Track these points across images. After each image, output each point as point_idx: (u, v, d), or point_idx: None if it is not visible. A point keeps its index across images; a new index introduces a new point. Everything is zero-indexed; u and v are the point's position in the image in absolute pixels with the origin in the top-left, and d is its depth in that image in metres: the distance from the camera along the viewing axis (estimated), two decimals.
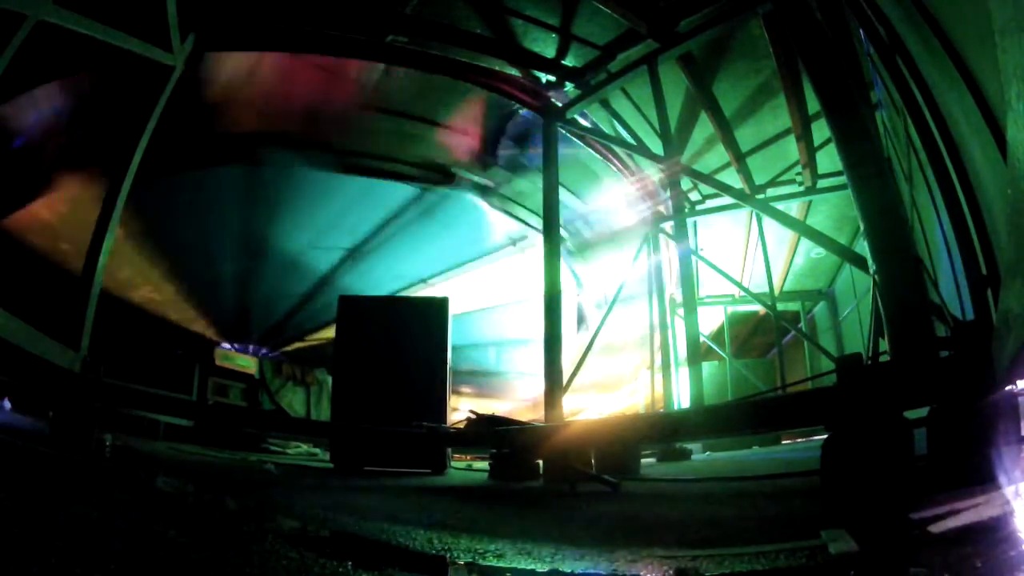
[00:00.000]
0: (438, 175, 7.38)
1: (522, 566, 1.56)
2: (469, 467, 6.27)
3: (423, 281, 9.07)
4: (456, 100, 6.29)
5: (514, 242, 8.47)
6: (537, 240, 7.86)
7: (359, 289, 8.24)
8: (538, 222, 7.56)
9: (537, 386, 5.80)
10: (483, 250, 8.63)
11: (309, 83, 5.88)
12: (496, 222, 8.06)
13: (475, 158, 7.05)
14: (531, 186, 7.35)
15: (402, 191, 7.45)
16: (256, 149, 6.66)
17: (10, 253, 6.20)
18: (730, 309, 10.70)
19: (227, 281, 8.52)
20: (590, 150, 6.91)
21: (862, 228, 2.64)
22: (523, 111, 6.31)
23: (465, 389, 10.96)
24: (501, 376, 11.04)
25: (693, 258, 7.40)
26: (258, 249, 8.06)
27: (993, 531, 1.35)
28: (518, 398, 10.99)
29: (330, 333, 8.84)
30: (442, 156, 7.07)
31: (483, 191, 7.60)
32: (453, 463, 5.82)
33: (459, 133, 6.63)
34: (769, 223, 7.68)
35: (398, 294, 8.99)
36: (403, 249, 8.26)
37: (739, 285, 7.41)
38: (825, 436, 1.92)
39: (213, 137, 6.45)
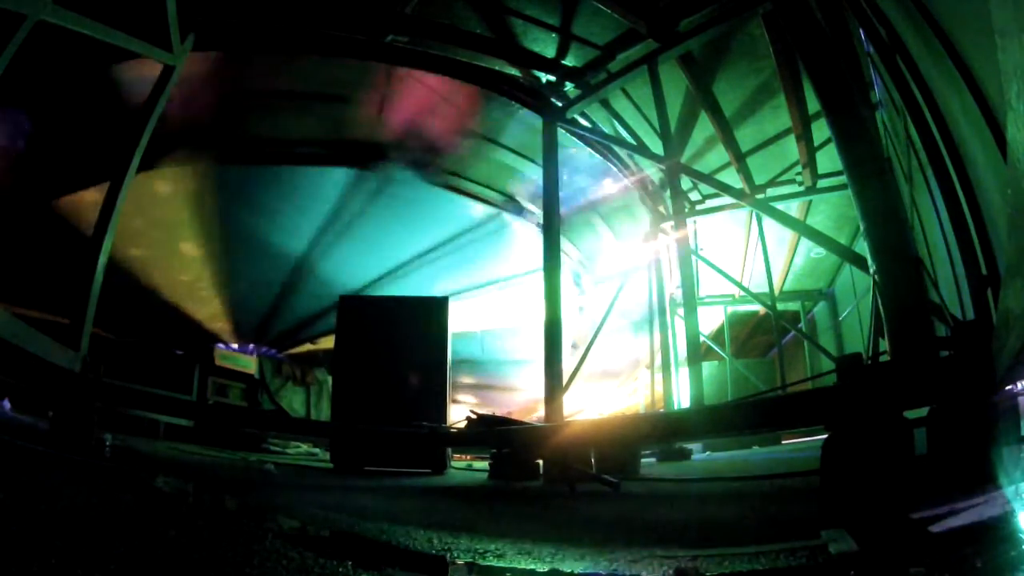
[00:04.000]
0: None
1: (522, 566, 1.56)
2: (469, 467, 6.27)
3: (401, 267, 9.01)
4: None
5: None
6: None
7: (338, 277, 8.27)
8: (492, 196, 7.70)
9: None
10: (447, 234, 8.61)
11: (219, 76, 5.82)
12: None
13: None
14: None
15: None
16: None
17: (10, 253, 6.20)
18: (730, 309, 10.69)
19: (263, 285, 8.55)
20: (590, 150, 6.91)
21: (862, 228, 2.64)
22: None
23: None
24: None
25: (693, 258, 7.39)
26: (233, 246, 8.02)
27: (993, 531, 1.35)
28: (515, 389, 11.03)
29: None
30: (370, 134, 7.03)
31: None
32: (453, 463, 5.82)
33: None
34: (769, 223, 7.68)
35: (380, 280, 8.95)
36: (366, 234, 8.21)
37: (739, 285, 7.41)
38: (825, 436, 1.92)
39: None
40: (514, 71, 5.88)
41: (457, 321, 6.29)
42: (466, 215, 7.93)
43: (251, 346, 9.70)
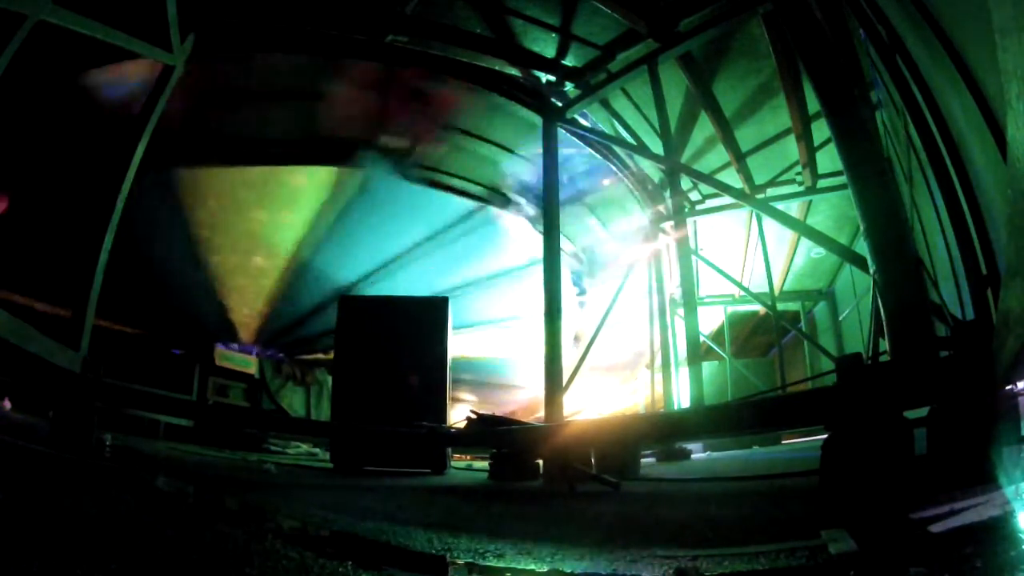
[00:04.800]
0: (496, 196, 7.57)
1: (522, 566, 1.56)
2: (469, 467, 6.27)
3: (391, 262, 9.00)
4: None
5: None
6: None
7: (336, 275, 8.31)
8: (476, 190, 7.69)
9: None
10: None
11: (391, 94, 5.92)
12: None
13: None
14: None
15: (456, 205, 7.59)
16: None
17: (9, 254, 6.20)
18: (730, 309, 10.68)
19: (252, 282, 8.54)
20: (590, 149, 6.91)
21: (862, 228, 2.64)
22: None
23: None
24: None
25: (693, 258, 7.39)
26: (284, 254, 8.06)
27: (993, 531, 1.35)
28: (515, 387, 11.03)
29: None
30: (502, 180, 7.24)
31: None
32: (453, 463, 5.82)
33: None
34: (769, 223, 7.67)
35: (374, 275, 8.95)
36: (355, 232, 8.20)
37: (739, 285, 7.41)
38: (825, 436, 1.92)
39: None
40: (514, 71, 5.88)
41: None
42: (452, 209, 7.87)
43: (252, 347, 9.70)
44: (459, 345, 7.56)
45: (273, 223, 7.71)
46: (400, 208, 7.63)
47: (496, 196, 7.78)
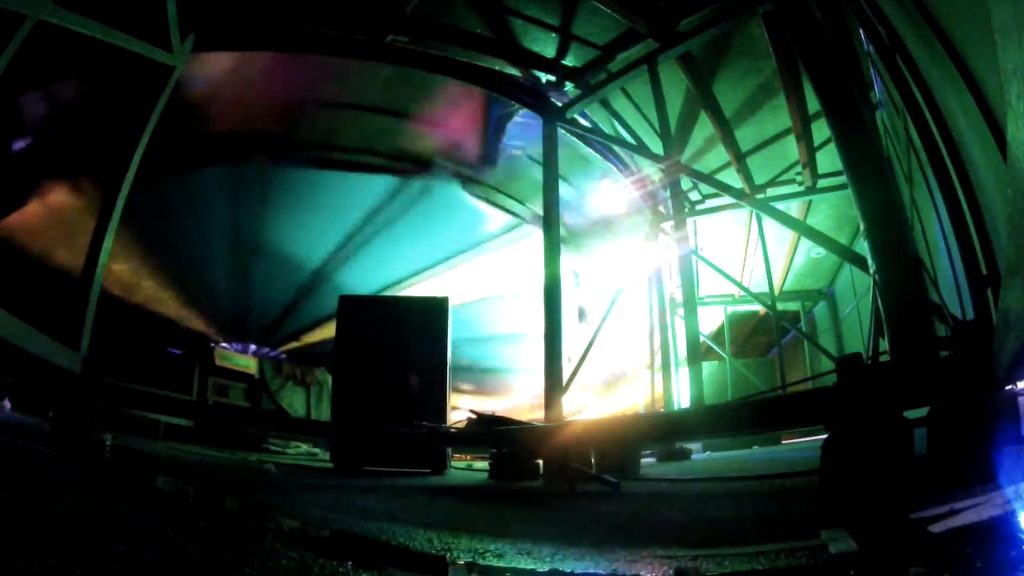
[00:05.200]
0: (415, 165, 7.41)
1: (522, 566, 1.56)
2: (469, 467, 6.27)
3: (417, 274, 9.03)
4: (427, 91, 6.32)
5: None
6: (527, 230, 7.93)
7: (352, 284, 8.28)
8: (522, 210, 7.72)
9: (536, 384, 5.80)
10: (473, 241, 8.64)
11: (281, 81, 5.90)
12: (484, 213, 8.09)
13: (453, 147, 7.05)
14: (518, 174, 7.38)
15: (382, 183, 7.49)
16: (240, 148, 6.68)
17: (10, 254, 6.20)
18: (730, 309, 10.69)
19: (222, 280, 8.54)
20: (590, 149, 6.91)
21: (862, 228, 2.64)
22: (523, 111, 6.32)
23: (464, 386, 11.00)
24: (498, 372, 11.06)
25: (693, 258, 7.39)
26: (248, 247, 8.06)
27: (993, 531, 1.35)
28: (516, 395, 11.01)
29: (326, 332, 8.85)
30: (419, 146, 7.09)
31: (463, 180, 7.64)
32: (453, 463, 5.82)
33: (436, 123, 6.65)
34: (769, 223, 7.68)
35: (392, 288, 8.99)
36: (392, 242, 8.25)
37: (739, 285, 7.41)
38: (825, 436, 1.92)
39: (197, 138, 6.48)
40: (514, 71, 5.89)
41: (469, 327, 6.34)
42: (490, 226, 8.03)
43: (252, 346, 9.70)
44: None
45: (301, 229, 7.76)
46: (443, 221, 7.73)
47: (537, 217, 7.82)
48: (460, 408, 10.03)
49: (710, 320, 10.54)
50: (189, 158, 6.56)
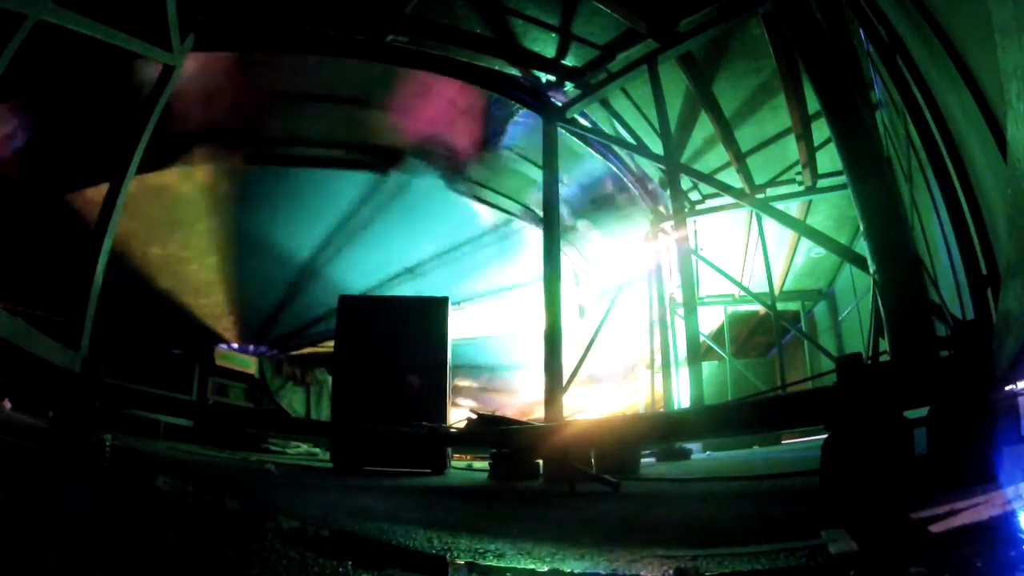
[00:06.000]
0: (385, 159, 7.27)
1: (522, 566, 1.56)
2: (469, 467, 6.27)
3: (409, 271, 8.98)
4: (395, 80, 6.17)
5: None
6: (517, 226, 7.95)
7: (344, 280, 8.26)
8: (510, 205, 7.69)
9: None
10: (461, 238, 8.56)
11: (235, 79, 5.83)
12: (469, 208, 7.99)
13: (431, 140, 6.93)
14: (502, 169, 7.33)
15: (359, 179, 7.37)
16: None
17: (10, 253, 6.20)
18: (730, 309, 10.69)
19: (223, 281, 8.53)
20: (590, 149, 6.91)
21: (862, 228, 2.63)
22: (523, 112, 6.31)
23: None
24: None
25: (693, 258, 7.39)
26: (241, 246, 8.04)
27: (993, 531, 1.35)
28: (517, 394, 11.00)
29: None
30: (390, 139, 6.94)
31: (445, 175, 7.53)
32: (453, 463, 5.83)
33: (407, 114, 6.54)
34: (769, 223, 7.68)
35: (383, 285, 8.95)
36: (378, 238, 8.14)
37: (739, 285, 7.41)
38: (825, 436, 1.92)
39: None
40: (514, 71, 5.88)
41: (464, 326, 6.29)
42: (479, 222, 7.94)
43: (251, 346, 9.70)
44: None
45: (289, 225, 7.73)
46: (429, 217, 7.67)
47: (527, 212, 7.79)
48: (461, 406, 10.05)
49: (710, 320, 10.54)
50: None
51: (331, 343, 7.09)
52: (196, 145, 6.33)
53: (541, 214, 6.04)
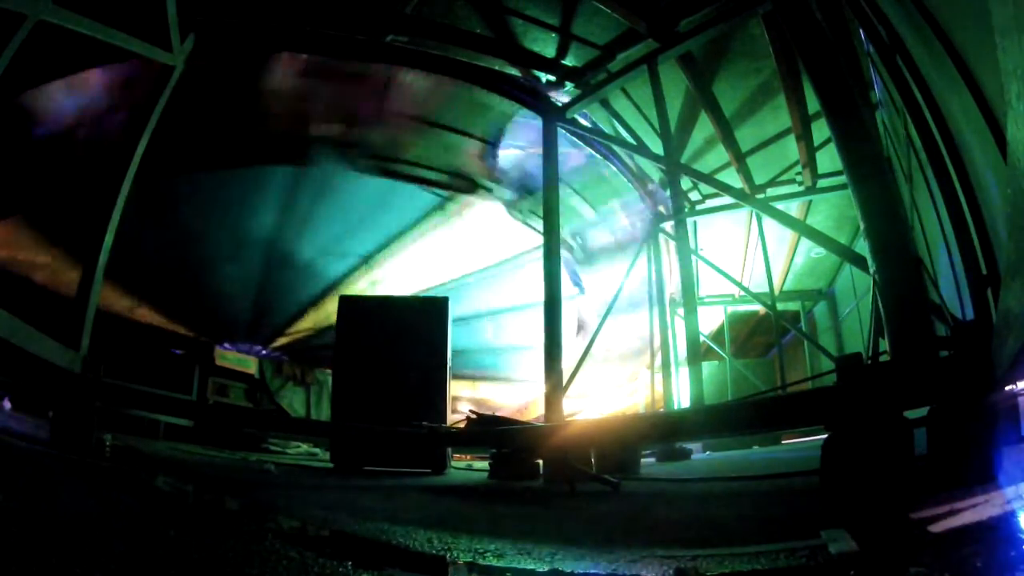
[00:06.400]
0: (463, 183, 7.39)
1: (522, 566, 1.56)
2: (469, 467, 6.27)
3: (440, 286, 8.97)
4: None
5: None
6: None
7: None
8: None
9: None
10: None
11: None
12: (514, 232, 8.02)
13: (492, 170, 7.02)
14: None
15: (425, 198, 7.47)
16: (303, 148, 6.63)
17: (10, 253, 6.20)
18: (730, 309, 10.70)
19: (235, 282, 8.53)
20: (590, 150, 6.91)
21: (862, 228, 2.63)
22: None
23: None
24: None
25: (693, 258, 7.39)
26: (268, 252, 8.06)
27: (993, 531, 1.35)
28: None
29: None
30: (468, 166, 7.08)
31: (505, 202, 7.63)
32: (453, 463, 5.82)
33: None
34: (769, 223, 7.68)
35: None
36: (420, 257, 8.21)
37: (739, 285, 7.41)
38: (825, 436, 1.92)
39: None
40: (514, 71, 5.89)
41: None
42: (421, 201, 7.72)
43: (255, 347, 9.69)
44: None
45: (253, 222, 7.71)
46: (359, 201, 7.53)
47: (464, 182, 7.55)
48: (461, 400, 10.01)
49: (710, 320, 10.54)
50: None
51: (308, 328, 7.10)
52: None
53: (481, 183, 5.97)
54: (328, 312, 8.25)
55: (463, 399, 10.37)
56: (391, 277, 8.68)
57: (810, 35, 3.11)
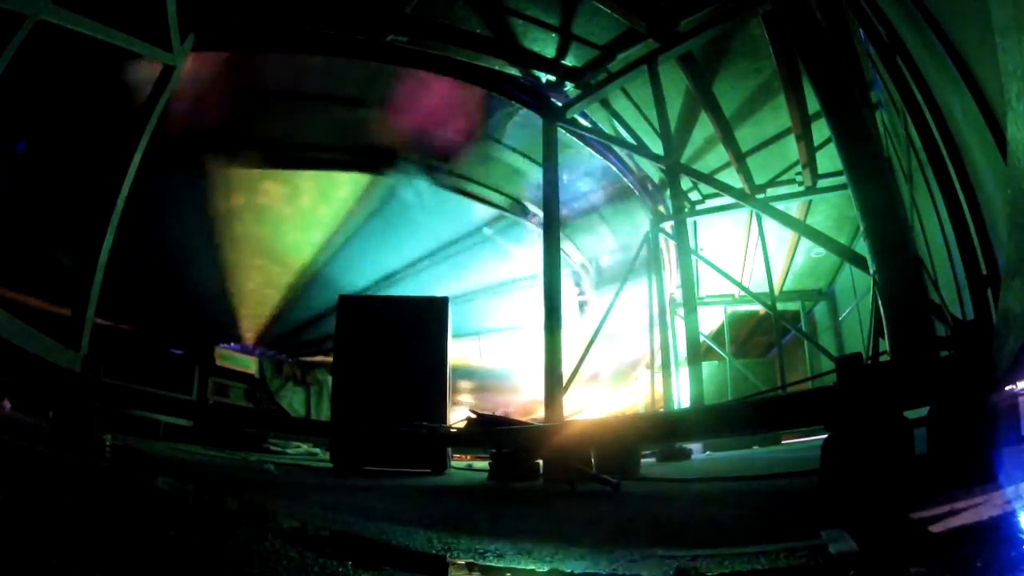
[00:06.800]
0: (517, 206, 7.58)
1: (522, 566, 1.56)
2: (469, 467, 6.27)
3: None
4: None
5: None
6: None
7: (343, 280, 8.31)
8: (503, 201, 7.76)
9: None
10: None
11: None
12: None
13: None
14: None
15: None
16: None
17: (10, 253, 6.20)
18: (730, 309, 10.69)
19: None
20: (590, 150, 6.91)
21: (862, 228, 2.64)
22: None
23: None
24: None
25: (693, 258, 7.39)
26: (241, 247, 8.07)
27: (993, 531, 1.35)
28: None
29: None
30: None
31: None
32: (453, 463, 5.82)
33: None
34: (769, 223, 7.68)
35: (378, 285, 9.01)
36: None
37: (739, 285, 7.41)
38: (825, 436, 1.92)
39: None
40: (514, 71, 5.88)
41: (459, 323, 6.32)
42: (472, 218, 7.99)
43: (254, 347, 9.69)
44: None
45: (291, 227, 7.75)
46: (423, 215, 7.72)
47: (517, 206, 7.84)
48: (461, 404, 10.05)
49: (710, 320, 10.53)
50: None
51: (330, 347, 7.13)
52: (195, 147, 6.35)
53: (529, 207, 6.04)
54: None
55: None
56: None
57: (810, 35, 3.11)
